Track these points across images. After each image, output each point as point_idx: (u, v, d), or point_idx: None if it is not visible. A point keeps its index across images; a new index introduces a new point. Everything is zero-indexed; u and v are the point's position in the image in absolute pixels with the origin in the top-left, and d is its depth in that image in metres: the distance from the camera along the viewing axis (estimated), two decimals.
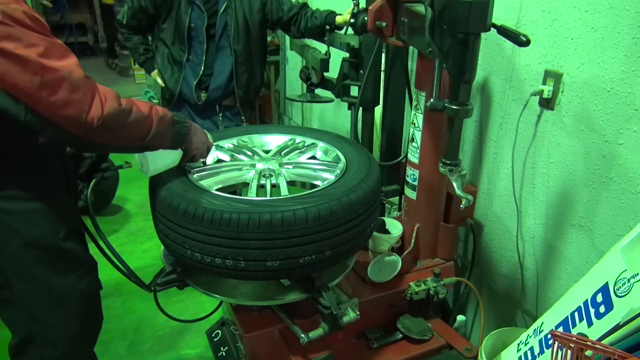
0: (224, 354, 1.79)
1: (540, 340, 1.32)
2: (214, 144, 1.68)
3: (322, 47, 2.49)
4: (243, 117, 2.75)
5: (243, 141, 1.73)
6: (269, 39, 3.13)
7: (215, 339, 1.87)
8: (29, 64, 1.13)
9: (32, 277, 1.44)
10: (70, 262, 1.48)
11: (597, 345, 1.02)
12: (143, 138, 1.31)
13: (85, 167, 1.61)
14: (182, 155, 1.44)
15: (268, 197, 1.39)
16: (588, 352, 1.03)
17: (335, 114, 3.47)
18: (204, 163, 1.63)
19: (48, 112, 1.17)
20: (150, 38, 2.77)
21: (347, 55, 2.24)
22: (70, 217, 1.50)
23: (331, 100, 2.57)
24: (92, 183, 1.61)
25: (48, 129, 1.21)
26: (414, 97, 1.70)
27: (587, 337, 1.11)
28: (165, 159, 1.41)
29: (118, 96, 1.26)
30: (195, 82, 2.60)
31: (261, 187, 1.49)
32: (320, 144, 1.69)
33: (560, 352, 1.11)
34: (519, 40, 1.28)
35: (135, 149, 1.36)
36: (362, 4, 2.04)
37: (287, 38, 3.65)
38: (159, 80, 2.71)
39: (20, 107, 1.16)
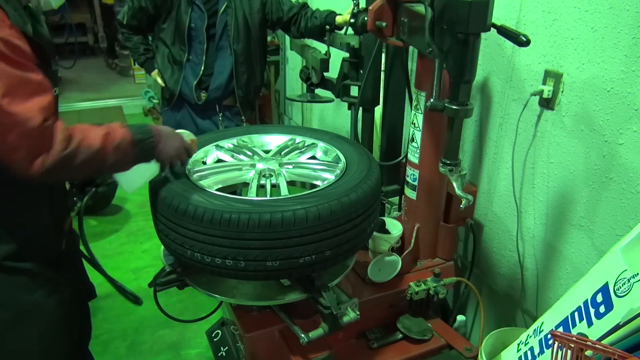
0: (224, 354, 1.79)
1: (540, 340, 1.32)
2: (214, 143, 1.68)
3: (322, 47, 2.49)
4: (243, 117, 2.75)
5: (243, 141, 1.73)
6: (269, 39, 3.13)
7: (215, 339, 1.87)
8: None
9: None
10: (34, 280, 1.39)
11: (597, 345, 1.02)
12: (99, 171, 1.27)
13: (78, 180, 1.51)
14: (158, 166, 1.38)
15: (268, 197, 1.39)
16: (588, 352, 1.03)
17: (335, 114, 3.47)
18: (204, 163, 1.63)
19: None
20: (150, 38, 2.77)
21: (347, 55, 2.24)
22: (38, 235, 1.41)
23: (331, 100, 2.57)
24: (85, 199, 1.48)
25: None
26: (414, 97, 1.70)
27: (587, 337, 1.11)
28: (140, 176, 1.36)
29: (68, 137, 1.17)
30: (195, 82, 2.60)
31: (261, 187, 1.49)
32: (320, 144, 1.69)
33: (560, 352, 1.11)
34: (519, 40, 1.28)
35: (95, 176, 1.35)
36: (362, 4, 2.04)
37: (287, 38, 3.65)
38: (159, 80, 2.71)
39: None
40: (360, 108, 2.24)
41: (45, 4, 1.39)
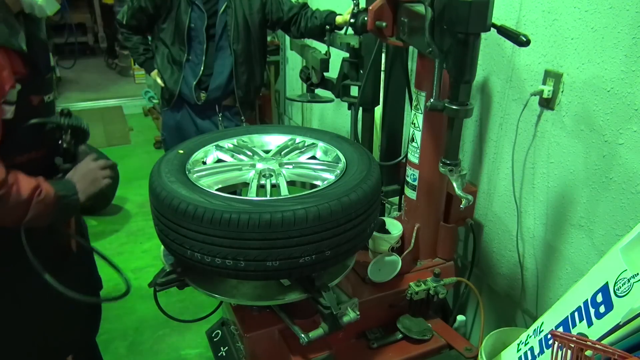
0: (224, 354, 1.78)
1: (540, 340, 1.32)
2: (214, 144, 1.68)
3: (322, 47, 2.49)
4: (243, 117, 2.75)
5: (243, 141, 1.73)
6: (269, 39, 3.13)
7: (215, 339, 1.87)
8: None
9: None
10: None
11: (597, 345, 1.02)
12: (19, 221, 1.28)
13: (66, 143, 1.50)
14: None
15: (268, 197, 1.39)
16: (588, 352, 1.03)
17: (335, 114, 3.47)
18: (204, 163, 1.63)
19: None
20: (150, 38, 2.77)
21: (347, 55, 2.24)
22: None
23: (331, 100, 2.57)
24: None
25: None
26: (414, 97, 1.70)
27: (587, 337, 1.11)
28: None
29: (2, 181, 1.19)
30: (195, 82, 2.60)
31: (261, 187, 1.48)
32: (320, 144, 1.69)
33: (560, 352, 1.11)
34: (519, 40, 1.28)
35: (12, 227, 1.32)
36: (362, 4, 2.04)
37: (287, 38, 3.65)
38: (159, 80, 2.71)
39: None
40: (360, 108, 2.24)
41: (39, 11, 1.35)
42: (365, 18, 1.69)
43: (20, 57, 1.28)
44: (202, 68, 2.58)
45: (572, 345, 1.07)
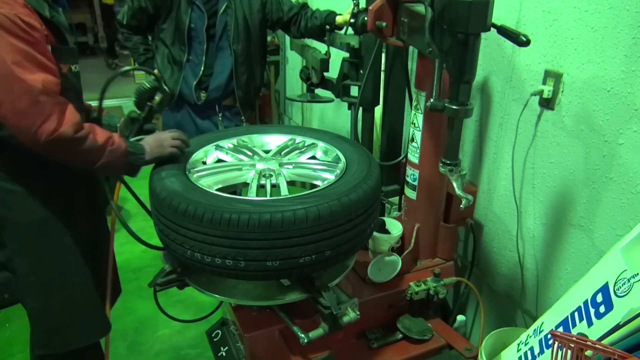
0: (224, 354, 1.79)
1: (540, 340, 1.32)
2: (214, 144, 1.68)
3: (322, 47, 2.49)
4: (243, 117, 2.75)
5: (243, 141, 1.73)
6: (269, 39, 3.13)
7: (215, 339, 1.87)
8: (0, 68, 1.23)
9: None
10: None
11: (597, 345, 1.02)
12: (91, 164, 1.40)
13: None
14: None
15: (268, 197, 1.39)
16: (588, 352, 1.03)
17: (335, 114, 3.47)
18: (204, 163, 1.63)
19: (4, 115, 1.27)
20: (150, 38, 2.77)
21: (347, 55, 2.24)
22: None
23: (331, 100, 2.57)
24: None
25: (2, 128, 1.33)
26: (414, 97, 1.70)
27: (587, 337, 1.11)
28: None
29: (79, 124, 1.34)
30: (195, 82, 2.60)
31: (261, 187, 1.48)
32: (320, 144, 1.69)
33: (560, 352, 1.11)
34: (519, 40, 1.28)
35: (81, 169, 1.46)
36: (362, 4, 2.04)
37: (287, 38, 3.65)
38: None
39: None
40: (360, 108, 2.24)
41: None
42: (365, 18, 1.69)
43: (48, 27, 1.41)
44: (202, 68, 2.58)
45: (572, 345, 1.07)
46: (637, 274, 1.06)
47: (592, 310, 1.15)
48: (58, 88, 1.34)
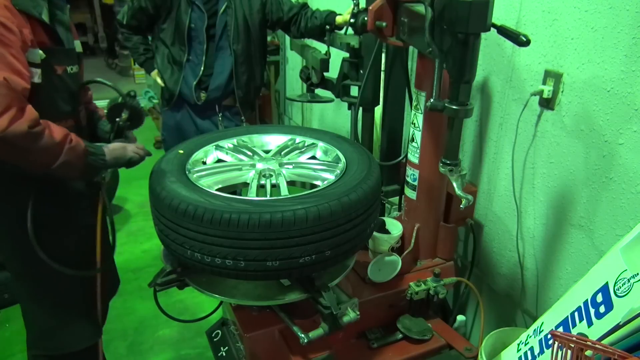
0: (224, 354, 1.78)
1: (540, 340, 1.32)
2: (214, 144, 1.68)
3: (322, 47, 2.49)
4: (243, 117, 2.75)
5: (243, 141, 1.73)
6: (269, 39, 3.13)
7: (215, 339, 1.87)
8: None
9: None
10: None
11: (597, 345, 1.02)
12: (49, 165, 1.34)
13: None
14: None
15: (268, 197, 1.39)
16: (588, 352, 1.03)
17: (335, 114, 3.47)
18: (204, 163, 1.63)
19: None
20: (150, 38, 2.77)
21: (347, 55, 2.24)
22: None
23: (331, 100, 2.57)
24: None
25: None
26: (414, 97, 1.70)
27: (587, 337, 1.11)
28: None
29: (35, 120, 1.27)
30: (195, 82, 2.60)
31: (261, 187, 1.48)
32: (320, 144, 1.69)
33: (560, 352, 1.11)
34: (519, 40, 1.28)
35: (38, 172, 1.38)
36: (362, 4, 2.04)
37: (287, 38, 3.65)
38: (159, 80, 2.71)
39: None
40: (360, 108, 2.24)
41: None
42: (365, 18, 1.69)
43: (42, 29, 1.39)
44: (202, 68, 2.58)
45: (572, 345, 1.07)
46: (637, 274, 1.06)
47: (592, 310, 1.15)
48: (25, 91, 1.28)
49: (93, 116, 1.73)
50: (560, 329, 1.24)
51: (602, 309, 1.12)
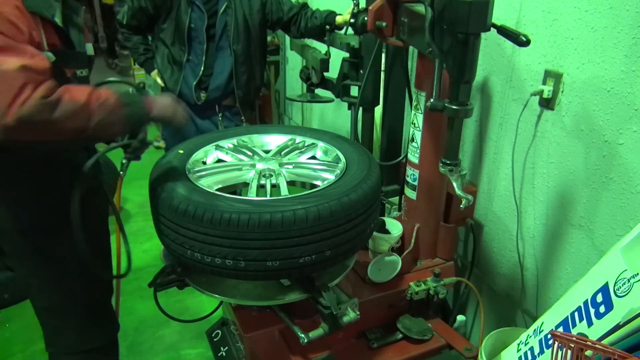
0: (224, 354, 1.79)
1: (540, 340, 1.32)
2: (214, 144, 1.68)
3: (322, 47, 2.49)
4: (243, 117, 2.75)
5: (243, 141, 1.73)
6: (269, 39, 3.13)
7: (215, 339, 1.87)
8: None
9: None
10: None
11: (597, 345, 1.02)
12: (83, 130, 1.21)
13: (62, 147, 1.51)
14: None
15: (268, 197, 1.39)
16: (588, 352, 1.03)
17: (335, 114, 3.47)
18: (204, 163, 1.63)
19: None
20: (150, 38, 2.77)
21: (347, 55, 2.24)
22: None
23: (331, 100, 2.57)
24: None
25: None
26: (414, 97, 1.70)
27: (587, 337, 1.11)
28: None
29: (48, 89, 1.16)
30: (195, 82, 2.60)
31: (261, 187, 1.48)
32: (320, 144, 1.69)
33: (560, 352, 1.11)
34: (519, 40, 1.28)
35: (78, 142, 1.29)
36: (362, 4, 2.04)
37: (287, 38, 3.65)
38: (159, 81, 2.71)
39: None
40: (360, 108, 2.24)
41: None
42: (365, 18, 1.69)
43: (55, 30, 1.35)
44: (202, 68, 2.58)
45: (572, 345, 1.07)
46: (637, 274, 1.06)
47: (592, 310, 1.15)
48: (46, 70, 1.19)
49: None
50: (560, 329, 1.24)
51: (602, 309, 1.12)
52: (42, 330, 1.69)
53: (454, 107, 1.27)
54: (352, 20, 2.03)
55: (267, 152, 1.69)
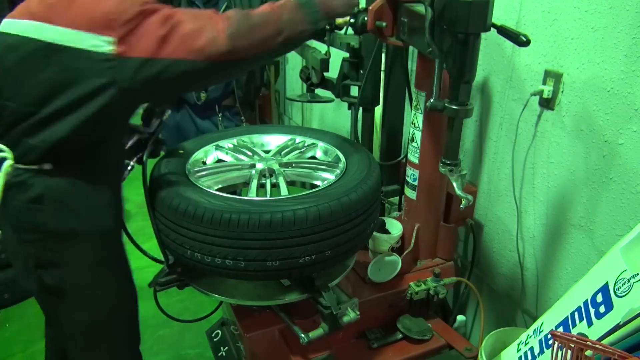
0: (224, 354, 1.79)
1: (540, 340, 1.32)
2: (214, 144, 1.68)
3: (322, 47, 2.49)
4: (243, 117, 2.75)
5: (243, 141, 1.74)
6: None
7: (215, 339, 1.87)
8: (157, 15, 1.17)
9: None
10: None
11: (597, 345, 1.02)
12: (279, 32, 1.27)
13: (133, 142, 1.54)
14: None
15: (268, 197, 1.39)
16: (588, 352, 1.03)
17: (335, 114, 3.47)
18: (204, 163, 1.63)
19: (185, 51, 1.17)
20: None
21: (347, 55, 2.24)
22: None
23: (331, 100, 2.57)
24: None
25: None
26: (414, 97, 1.70)
27: (587, 337, 1.11)
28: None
29: (223, 20, 1.23)
30: None
31: (261, 187, 1.49)
32: (320, 144, 1.69)
33: (560, 352, 1.11)
34: (519, 40, 1.28)
35: (279, 48, 1.32)
36: (362, 4, 2.04)
37: None
38: None
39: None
40: (360, 108, 2.24)
41: None
42: (365, 18, 1.69)
43: None
44: None
45: (572, 345, 1.07)
46: (637, 274, 1.06)
47: (592, 310, 1.15)
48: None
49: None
50: (560, 329, 1.24)
51: (602, 309, 1.12)
52: (68, 340, 1.59)
53: (454, 107, 1.27)
54: (352, 20, 2.02)
55: (267, 152, 1.69)
